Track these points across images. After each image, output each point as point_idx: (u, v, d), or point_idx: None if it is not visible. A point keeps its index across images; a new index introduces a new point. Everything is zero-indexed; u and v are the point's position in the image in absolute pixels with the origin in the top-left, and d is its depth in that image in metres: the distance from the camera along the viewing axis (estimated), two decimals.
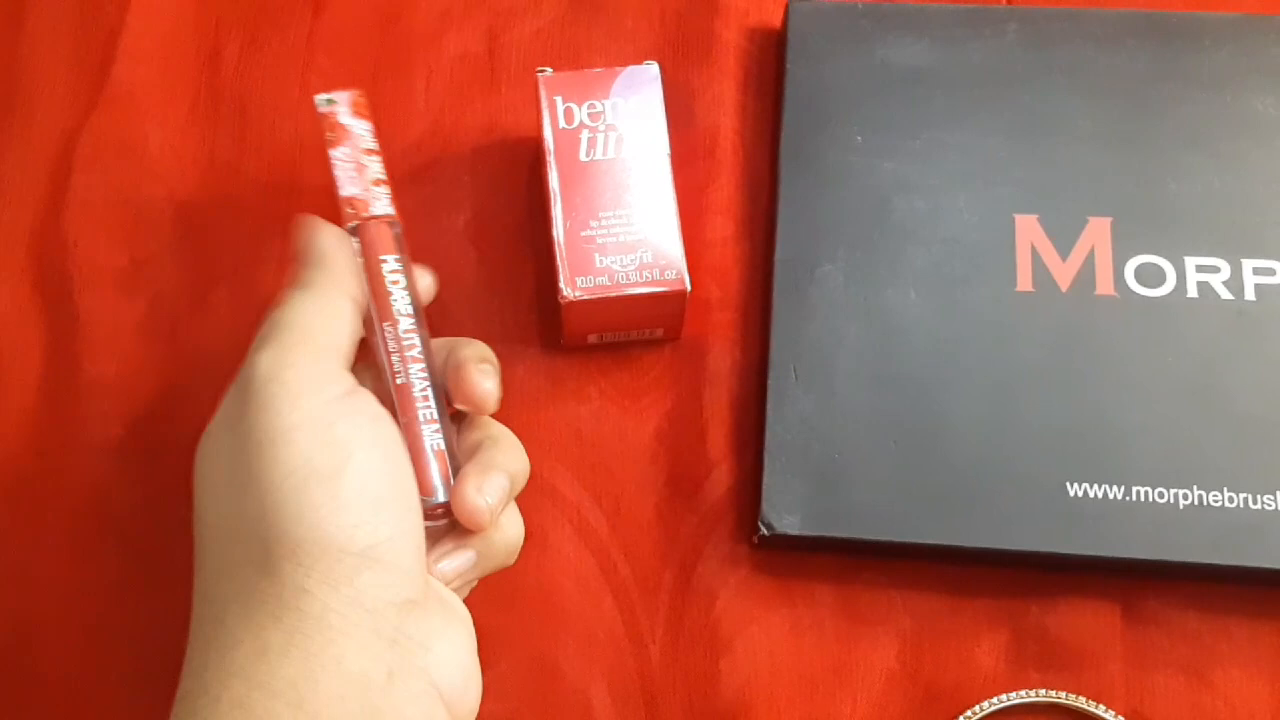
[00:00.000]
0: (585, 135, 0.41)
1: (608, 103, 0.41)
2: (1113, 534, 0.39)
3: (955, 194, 0.43)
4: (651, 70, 0.42)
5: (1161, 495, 0.39)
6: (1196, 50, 0.45)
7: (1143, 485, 0.39)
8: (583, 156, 0.41)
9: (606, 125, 0.41)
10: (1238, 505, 0.39)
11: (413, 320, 0.36)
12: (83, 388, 0.43)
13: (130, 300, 0.44)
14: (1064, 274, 0.42)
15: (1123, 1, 0.47)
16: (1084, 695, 0.39)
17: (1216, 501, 0.39)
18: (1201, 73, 0.45)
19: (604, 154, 0.41)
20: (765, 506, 0.40)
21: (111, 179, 0.46)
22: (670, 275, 0.40)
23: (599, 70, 0.42)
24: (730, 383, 0.43)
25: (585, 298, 0.40)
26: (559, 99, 0.41)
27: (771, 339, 0.42)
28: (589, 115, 0.41)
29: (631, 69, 0.42)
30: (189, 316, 0.44)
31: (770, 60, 0.47)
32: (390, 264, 0.37)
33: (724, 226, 0.45)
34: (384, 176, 0.39)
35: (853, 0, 0.48)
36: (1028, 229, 0.43)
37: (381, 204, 0.38)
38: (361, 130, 0.39)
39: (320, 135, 0.46)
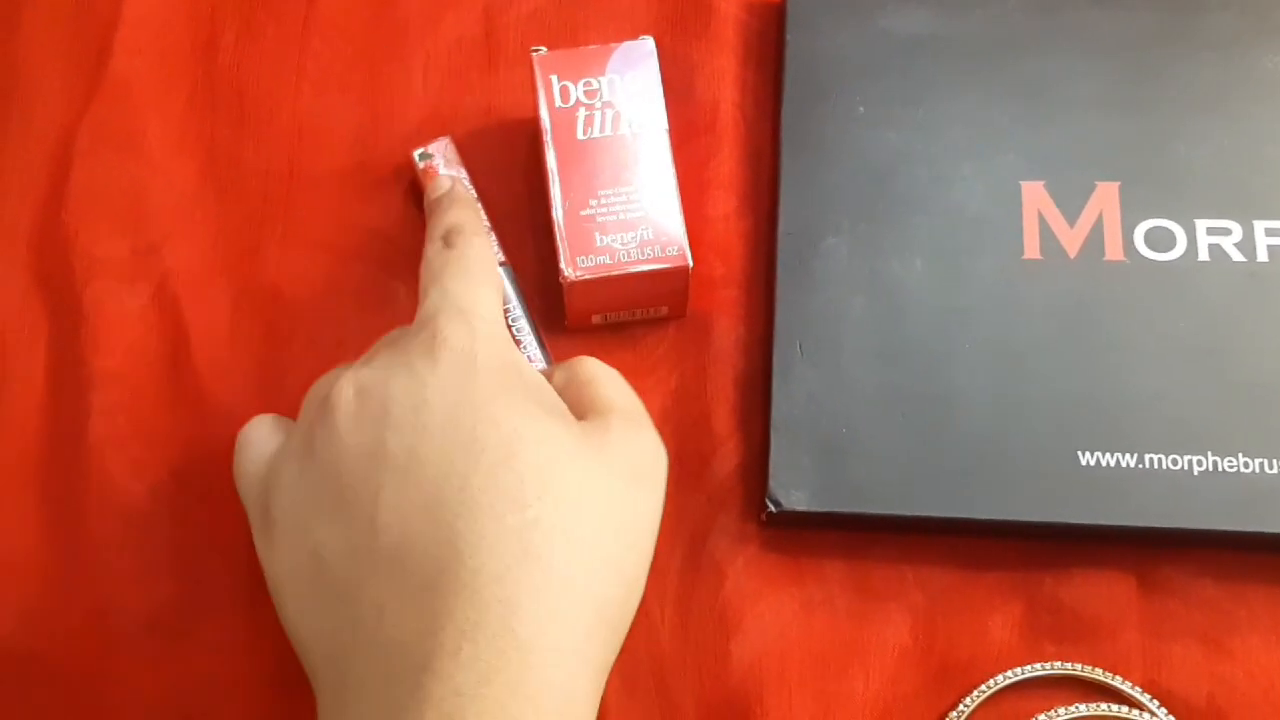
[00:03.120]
0: (582, 113, 0.41)
1: (604, 80, 0.41)
2: (1126, 502, 0.38)
3: (960, 163, 0.43)
4: (647, 45, 0.42)
5: (1175, 462, 0.38)
6: (1202, 9, 0.44)
7: (1156, 452, 0.38)
8: (580, 135, 0.41)
9: (603, 103, 0.41)
10: (1253, 471, 0.38)
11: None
12: (87, 380, 0.43)
13: (132, 291, 0.44)
14: (1072, 241, 0.41)
15: None
16: (1100, 667, 0.38)
17: (1231, 467, 0.38)
18: (1208, 32, 0.44)
19: (601, 132, 0.41)
20: (773, 483, 0.40)
21: (111, 171, 0.46)
22: (672, 252, 0.40)
23: (594, 47, 0.42)
24: (735, 359, 0.43)
25: (587, 277, 0.40)
26: (554, 78, 0.41)
27: (776, 314, 0.42)
28: (585, 93, 0.41)
29: (627, 45, 0.42)
30: (192, 306, 0.44)
31: (770, 32, 0.47)
32: (513, 311, 0.41)
33: (726, 202, 0.45)
34: (487, 221, 0.43)
35: None
36: (1034, 196, 0.42)
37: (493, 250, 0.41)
38: (461, 178, 0.43)
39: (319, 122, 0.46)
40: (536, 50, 0.42)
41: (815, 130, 0.44)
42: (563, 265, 0.40)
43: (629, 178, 0.40)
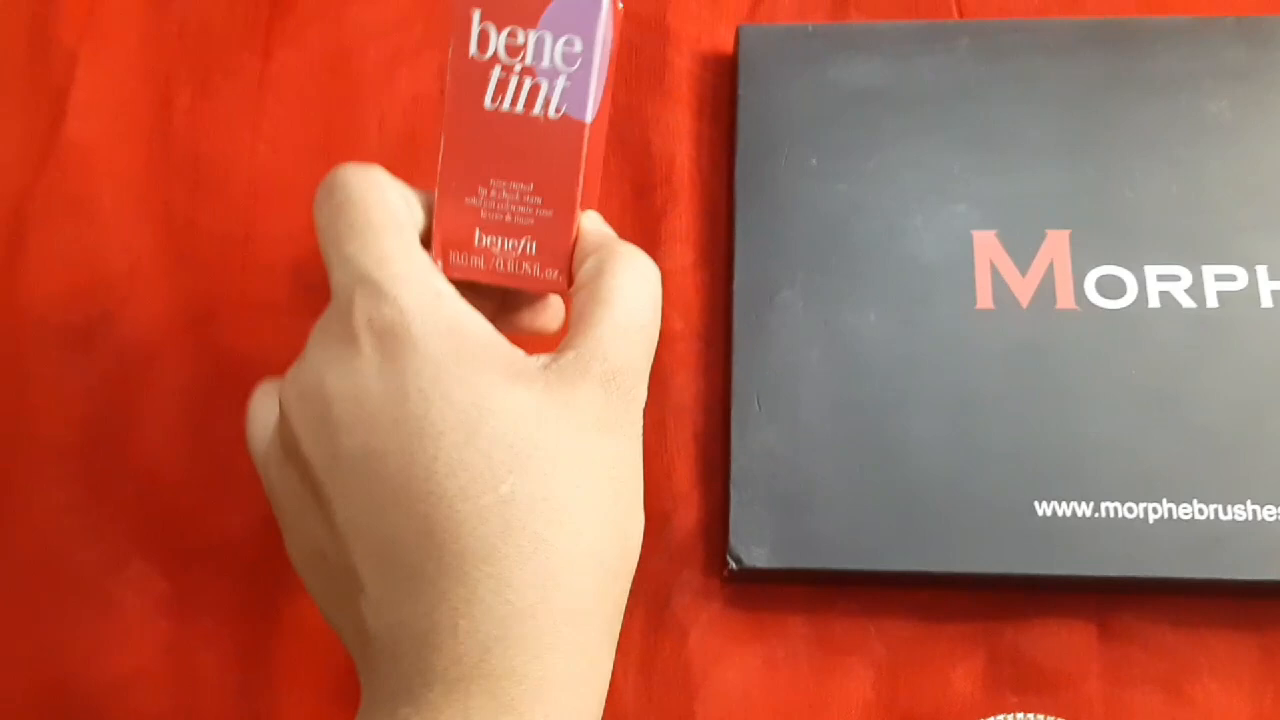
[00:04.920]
0: (496, 74, 0.33)
1: (532, 35, 0.33)
2: (1084, 552, 0.38)
3: (912, 213, 0.43)
4: (595, 0, 0.33)
5: (1131, 510, 0.39)
6: (1148, 56, 0.45)
7: (1111, 501, 0.39)
8: (487, 103, 0.33)
9: (523, 67, 0.33)
10: (1207, 517, 0.38)
11: None
12: (36, 450, 0.43)
13: (86, 360, 0.44)
14: (1024, 290, 0.42)
15: (1074, 10, 0.47)
16: (1062, 716, 0.38)
17: (1186, 514, 0.38)
18: (1154, 78, 0.44)
19: (513, 106, 0.33)
20: (734, 540, 0.40)
21: (66, 236, 0.46)
22: (551, 275, 0.34)
23: None
24: (695, 414, 0.43)
25: (455, 276, 0.34)
26: (477, 14, 0.33)
27: (733, 368, 0.42)
28: (506, 47, 0.33)
29: None
30: (147, 370, 0.44)
31: (724, 86, 0.47)
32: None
33: (683, 255, 0.45)
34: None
35: (803, 22, 0.48)
36: (986, 245, 0.42)
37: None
38: None
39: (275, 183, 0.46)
40: None
41: (768, 183, 0.44)
42: (432, 255, 0.34)
43: (530, 173, 0.33)
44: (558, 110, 0.33)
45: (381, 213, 0.32)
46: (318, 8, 0.49)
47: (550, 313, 0.38)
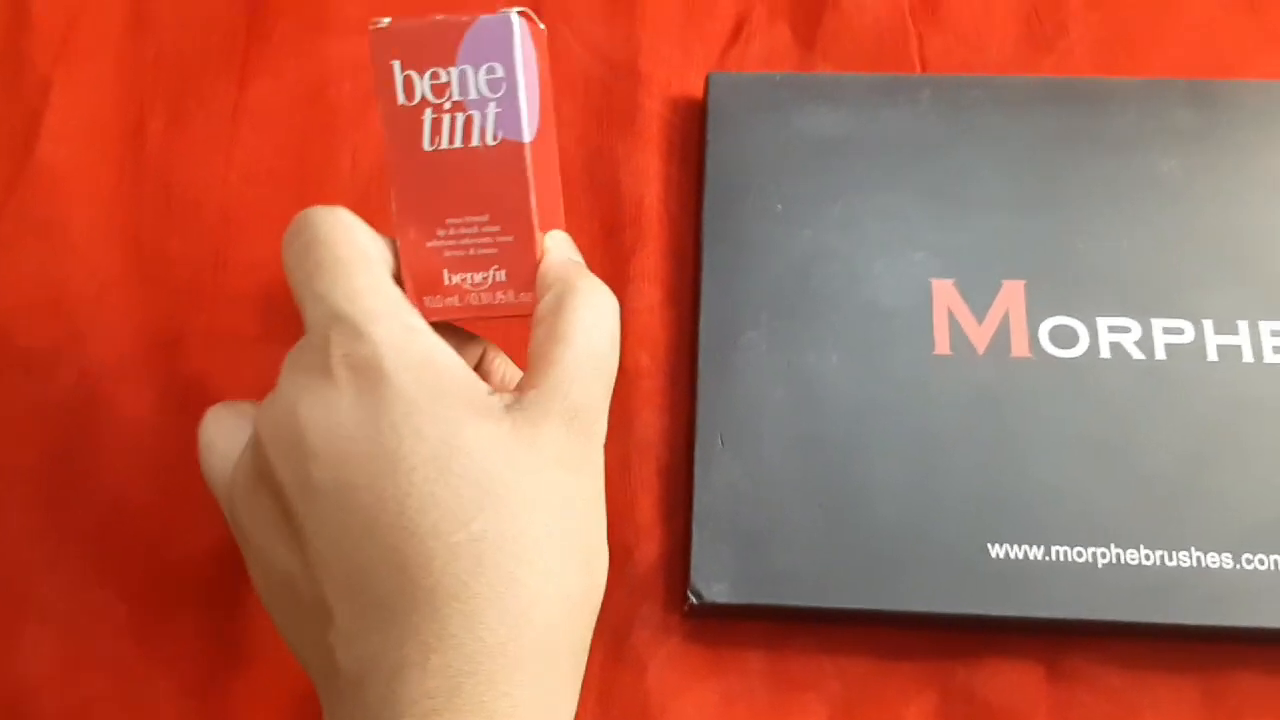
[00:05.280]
0: (429, 115, 0.33)
1: (454, 71, 0.33)
2: (1034, 594, 0.39)
3: (873, 260, 0.44)
4: (507, 22, 0.33)
5: (1080, 554, 0.40)
6: (1104, 114, 0.46)
7: (1061, 545, 0.40)
8: (426, 145, 0.33)
9: (452, 103, 0.33)
10: (1153, 563, 0.39)
11: None
12: (4, 471, 0.43)
13: (50, 383, 0.44)
14: (980, 337, 0.43)
15: (1032, 69, 0.49)
16: None
17: (1133, 559, 0.40)
18: (1108, 136, 0.46)
19: (451, 142, 0.33)
20: (694, 575, 0.40)
21: (34, 259, 0.46)
22: (525, 297, 0.34)
23: (442, 20, 0.33)
24: (659, 450, 0.43)
25: (434, 320, 0.34)
26: (397, 65, 0.33)
27: (697, 406, 0.42)
28: (432, 88, 0.33)
29: (482, 22, 0.33)
30: (112, 396, 0.44)
31: (693, 130, 0.48)
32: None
33: (651, 293, 0.46)
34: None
35: (771, 71, 0.49)
36: (944, 293, 0.44)
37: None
38: None
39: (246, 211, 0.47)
40: (376, 24, 0.33)
41: (735, 227, 0.45)
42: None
43: (482, 204, 0.34)
44: (495, 136, 0.33)
45: (349, 249, 0.33)
46: (294, 40, 0.50)
47: None
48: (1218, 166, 0.45)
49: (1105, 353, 0.42)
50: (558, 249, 0.35)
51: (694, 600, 0.40)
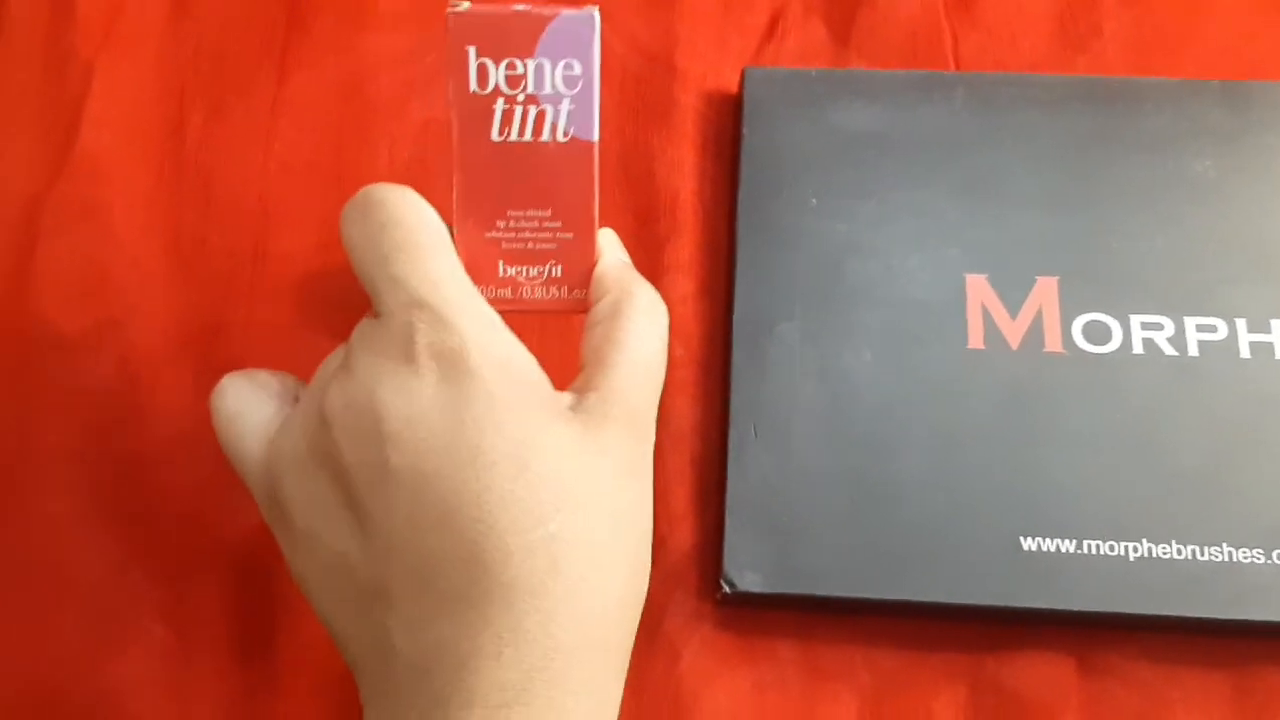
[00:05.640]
0: (500, 106, 0.34)
1: (531, 65, 0.33)
2: (1065, 587, 0.39)
3: (907, 255, 0.44)
4: (589, 21, 0.33)
5: (1112, 548, 0.40)
6: (1137, 114, 0.47)
7: (1093, 538, 0.40)
8: (495, 135, 0.34)
9: (527, 96, 0.33)
10: (1185, 557, 0.40)
11: None
12: (49, 453, 0.43)
13: (92, 367, 0.44)
14: (1014, 332, 0.43)
15: (1066, 68, 0.49)
16: None
17: (1165, 554, 0.40)
18: (1143, 136, 0.46)
19: (521, 135, 0.34)
20: (727, 564, 0.40)
21: (76, 244, 0.46)
22: (579, 295, 0.35)
23: (524, 11, 0.33)
24: (692, 440, 0.44)
25: None
26: (473, 50, 0.33)
27: (731, 397, 0.43)
28: (506, 78, 0.33)
29: (565, 16, 0.33)
30: (151, 382, 0.44)
31: (728, 124, 0.49)
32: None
33: (684, 284, 0.46)
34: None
35: (806, 66, 0.49)
36: (978, 288, 0.44)
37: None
38: None
39: (285, 203, 0.47)
40: (455, 7, 0.33)
41: (770, 220, 0.45)
42: None
43: (545, 198, 0.34)
44: (566, 133, 0.34)
45: (427, 234, 0.33)
46: (333, 34, 0.50)
47: None
48: (1251, 167, 0.46)
49: (1138, 349, 0.43)
50: (612, 251, 0.36)
51: (726, 589, 0.40)
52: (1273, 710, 0.40)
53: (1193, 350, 0.43)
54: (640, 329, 0.34)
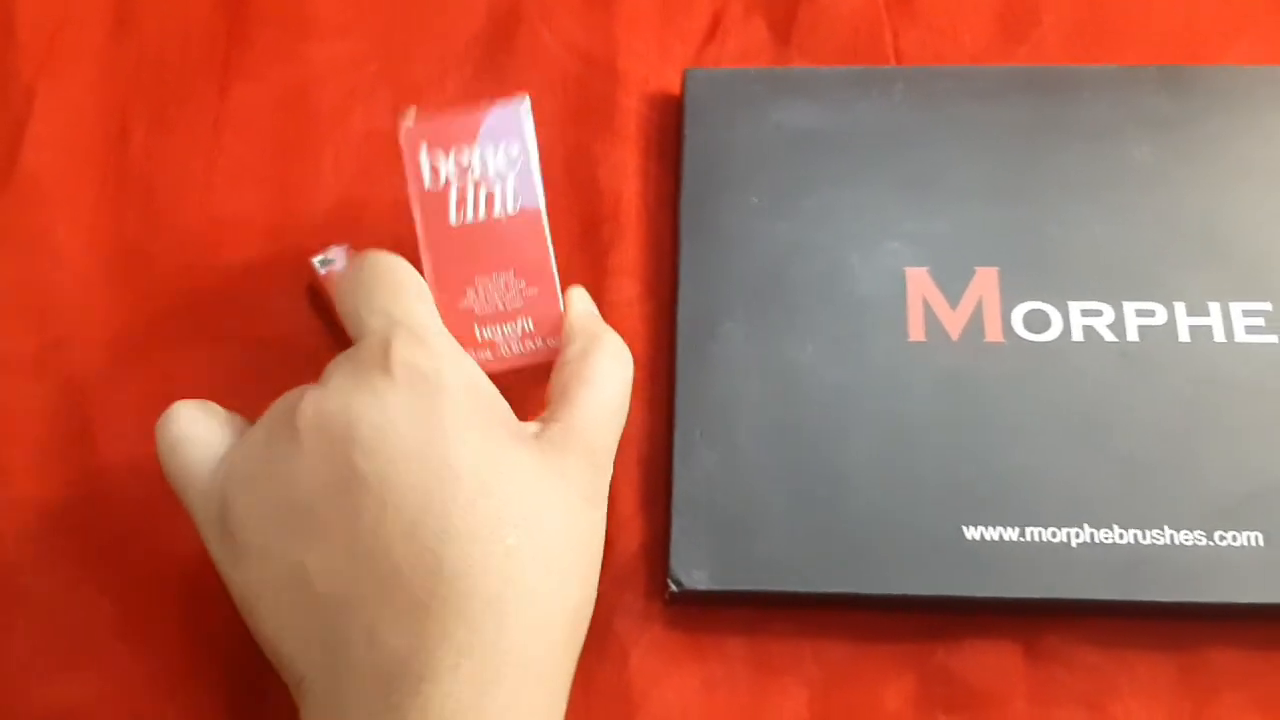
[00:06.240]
0: (454, 194, 0.38)
1: (474, 152, 0.38)
2: (1010, 575, 0.40)
3: (848, 251, 0.45)
4: (520, 109, 0.38)
5: (1054, 535, 0.40)
6: (1077, 103, 0.47)
7: (1036, 526, 0.40)
8: (453, 220, 0.38)
9: (475, 181, 0.38)
10: (1128, 541, 0.40)
11: None
12: None
13: (37, 386, 0.44)
14: (954, 323, 0.43)
15: (1007, 58, 0.49)
16: None
17: (1107, 539, 0.40)
18: (1082, 124, 0.47)
19: (475, 215, 0.38)
20: (674, 563, 0.41)
21: (19, 266, 0.46)
22: (554, 342, 0.39)
23: (465, 110, 0.38)
24: (639, 442, 0.44)
25: None
26: (424, 151, 0.37)
27: (676, 397, 0.43)
28: (456, 169, 0.38)
29: (498, 109, 0.38)
30: (98, 402, 0.44)
31: (670, 125, 0.49)
32: None
33: (630, 288, 0.46)
34: None
35: (748, 66, 0.49)
36: (918, 281, 0.44)
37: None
38: None
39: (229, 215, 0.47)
40: (405, 116, 0.38)
41: (712, 220, 0.45)
42: None
43: (507, 262, 0.38)
44: (515, 206, 0.38)
45: (410, 278, 0.37)
46: (275, 44, 0.50)
47: None
48: (1190, 152, 0.46)
49: (1078, 336, 0.43)
50: (581, 303, 0.40)
51: (674, 588, 0.40)
52: (1220, 690, 0.40)
53: (1132, 335, 0.43)
54: (606, 370, 0.37)
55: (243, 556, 0.34)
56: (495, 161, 0.38)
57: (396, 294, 0.36)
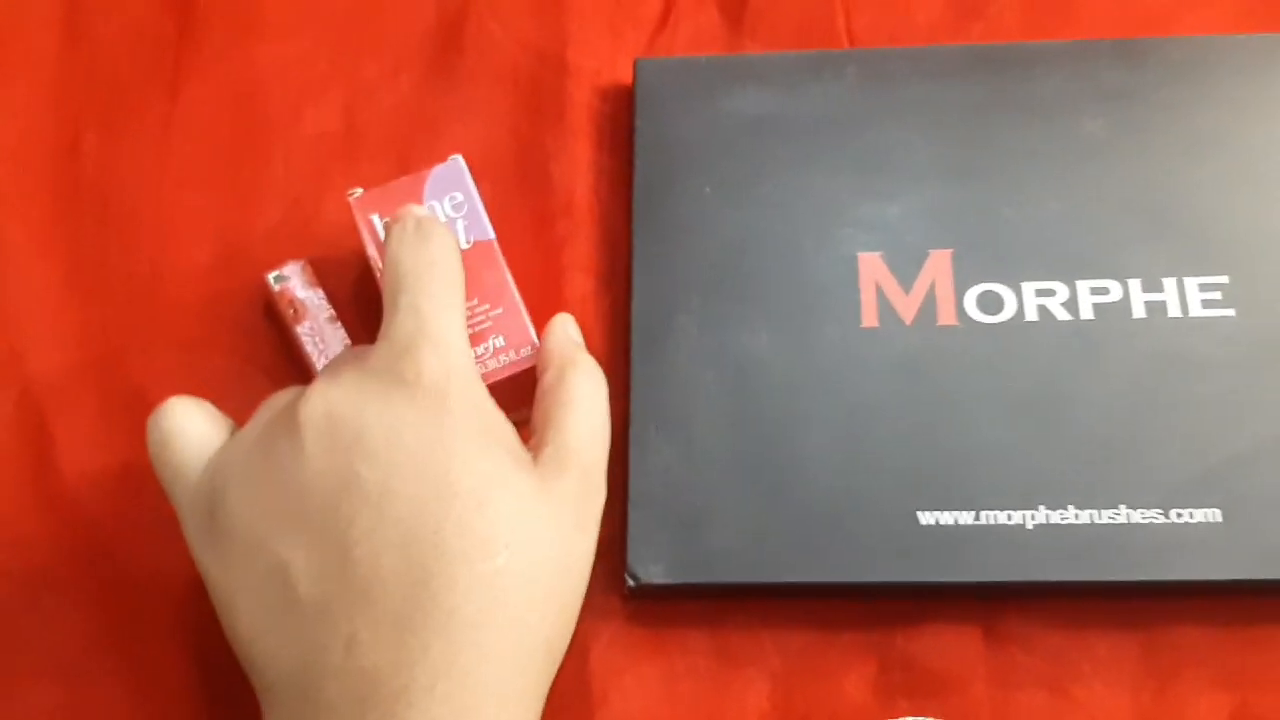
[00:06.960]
0: None
1: (423, 208, 0.41)
2: (966, 559, 0.40)
3: (801, 238, 0.44)
4: (456, 166, 0.42)
5: (1010, 517, 0.40)
6: (1029, 79, 0.47)
7: (991, 509, 0.40)
8: None
9: None
10: (1084, 522, 0.40)
11: None
12: None
13: None
14: (907, 308, 0.43)
15: (961, 36, 0.49)
16: (951, 719, 0.39)
17: (1063, 519, 0.40)
18: (1035, 100, 0.46)
19: None
20: (631, 558, 0.41)
21: None
22: (525, 352, 0.41)
23: (407, 179, 0.42)
24: None
25: None
26: (375, 217, 0.41)
27: (631, 391, 0.43)
28: None
29: (438, 170, 0.42)
30: (56, 411, 0.44)
31: (622, 117, 0.48)
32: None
33: (584, 284, 0.46)
34: (349, 341, 0.43)
35: (700, 54, 0.49)
36: (871, 266, 0.44)
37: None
38: (318, 300, 0.43)
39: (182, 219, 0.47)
40: (352, 194, 0.42)
41: (665, 212, 0.45)
42: None
43: (472, 291, 0.40)
44: (468, 240, 0.41)
45: (452, 280, 0.37)
46: (224, 47, 0.50)
47: None
48: (1143, 124, 0.46)
49: (1032, 316, 0.43)
50: (560, 329, 0.40)
51: (632, 583, 0.40)
52: (1181, 668, 0.40)
53: (1086, 313, 0.43)
54: (585, 392, 0.38)
55: (228, 552, 0.34)
56: (443, 210, 0.41)
57: (442, 302, 0.36)
